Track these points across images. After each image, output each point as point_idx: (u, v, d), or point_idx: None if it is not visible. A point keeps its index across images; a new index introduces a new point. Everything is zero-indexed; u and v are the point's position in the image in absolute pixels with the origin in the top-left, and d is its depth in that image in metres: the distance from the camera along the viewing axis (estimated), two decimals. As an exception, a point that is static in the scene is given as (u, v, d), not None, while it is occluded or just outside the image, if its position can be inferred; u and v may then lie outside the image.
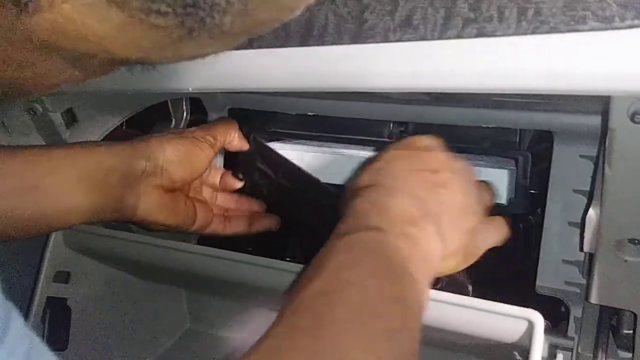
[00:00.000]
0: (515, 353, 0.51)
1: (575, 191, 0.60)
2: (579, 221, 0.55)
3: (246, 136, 0.68)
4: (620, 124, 0.40)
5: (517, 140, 0.62)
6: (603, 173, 0.43)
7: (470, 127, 0.63)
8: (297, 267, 0.58)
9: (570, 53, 0.38)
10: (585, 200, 0.59)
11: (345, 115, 0.69)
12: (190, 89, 0.51)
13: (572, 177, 0.59)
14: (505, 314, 0.47)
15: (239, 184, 0.69)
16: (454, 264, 0.49)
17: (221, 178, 0.69)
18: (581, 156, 0.59)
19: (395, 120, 0.67)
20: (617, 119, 0.40)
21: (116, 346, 0.80)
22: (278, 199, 0.71)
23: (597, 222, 0.45)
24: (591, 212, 0.45)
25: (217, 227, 0.66)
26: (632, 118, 0.40)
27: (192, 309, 0.84)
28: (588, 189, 0.58)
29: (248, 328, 0.72)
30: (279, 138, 0.73)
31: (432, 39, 0.41)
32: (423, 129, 0.65)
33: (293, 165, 0.69)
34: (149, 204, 0.60)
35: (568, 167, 0.60)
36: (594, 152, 0.57)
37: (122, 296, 0.81)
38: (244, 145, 0.67)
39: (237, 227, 0.67)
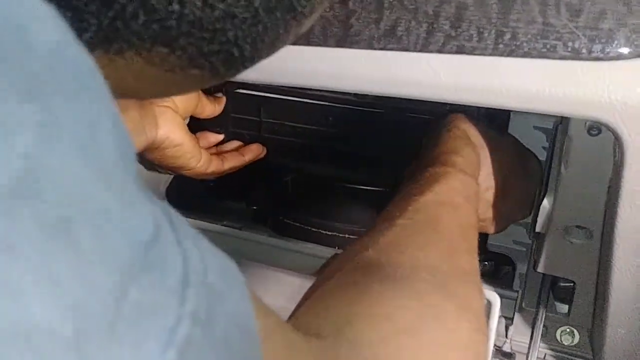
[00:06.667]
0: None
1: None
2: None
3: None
4: (578, 134, 0.45)
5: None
6: (559, 171, 0.49)
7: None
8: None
9: (540, 77, 0.42)
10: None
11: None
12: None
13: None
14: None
15: (220, 136, 0.73)
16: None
17: (200, 140, 0.72)
18: (535, 127, 0.64)
19: None
20: (575, 130, 0.45)
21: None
22: (263, 137, 0.74)
23: (549, 210, 0.51)
24: (545, 201, 0.51)
25: (217, 165, 0.70)
26: (589, 131, 0.45)
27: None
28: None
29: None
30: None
31: (415, 50, 0.44)
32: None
33: (277, 99, 0.71)
34: (167, 122, 0.63)
35: (522, 138, 0.65)
36: (546, 124, 0.63)
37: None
38: (218, 108, 0.69)
39: (233, 162, 0.71)
